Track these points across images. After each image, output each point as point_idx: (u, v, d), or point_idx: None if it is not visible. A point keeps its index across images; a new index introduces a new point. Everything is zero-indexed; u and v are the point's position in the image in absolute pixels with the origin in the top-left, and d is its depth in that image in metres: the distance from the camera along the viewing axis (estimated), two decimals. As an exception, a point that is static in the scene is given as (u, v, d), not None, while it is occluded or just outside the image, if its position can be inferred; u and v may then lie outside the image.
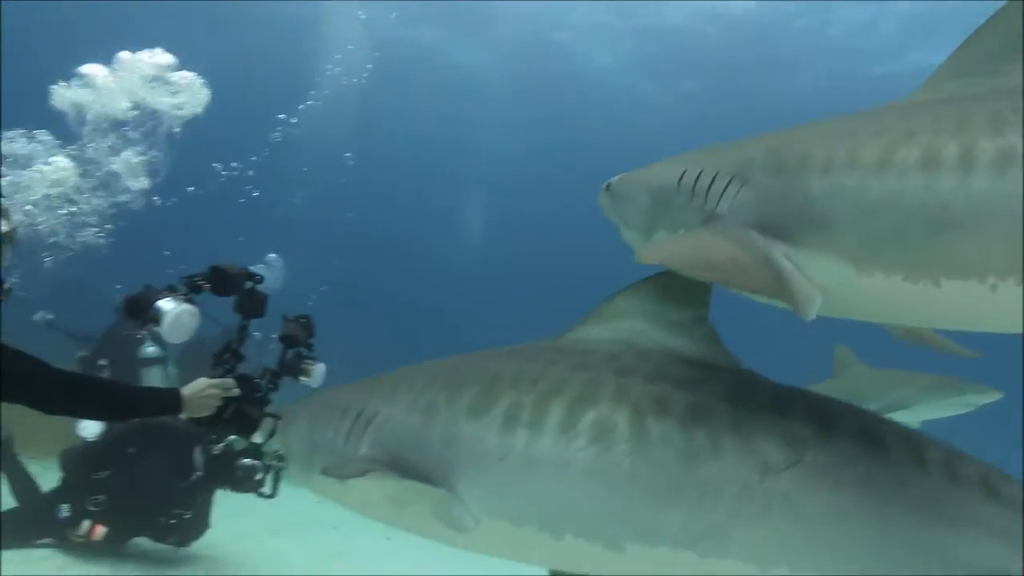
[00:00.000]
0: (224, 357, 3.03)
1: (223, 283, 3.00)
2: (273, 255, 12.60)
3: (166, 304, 2.82)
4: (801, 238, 2.07)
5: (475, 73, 25.09)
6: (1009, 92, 2.01)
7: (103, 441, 5.07)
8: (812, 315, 2.02)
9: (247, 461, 3.78)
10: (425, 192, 30.36)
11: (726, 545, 2.00)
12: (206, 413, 2.76)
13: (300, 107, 15.48)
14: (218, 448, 4.14)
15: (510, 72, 24.75)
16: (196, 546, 5.11)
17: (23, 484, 5.17)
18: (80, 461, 5.03)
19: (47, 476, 5.27)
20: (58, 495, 4.96)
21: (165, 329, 2.82)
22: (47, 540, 4.86)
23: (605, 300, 2.51)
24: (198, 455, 4.82)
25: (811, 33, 21.99)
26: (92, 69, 7.38)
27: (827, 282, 2.05)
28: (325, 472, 2.38)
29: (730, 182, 2.25)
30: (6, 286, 2.47)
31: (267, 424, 2.94)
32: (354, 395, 2.61)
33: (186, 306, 2.86)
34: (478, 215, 30.91)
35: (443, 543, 2.49)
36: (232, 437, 4.05)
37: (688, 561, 2.03)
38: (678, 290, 2.38)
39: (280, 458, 3.16)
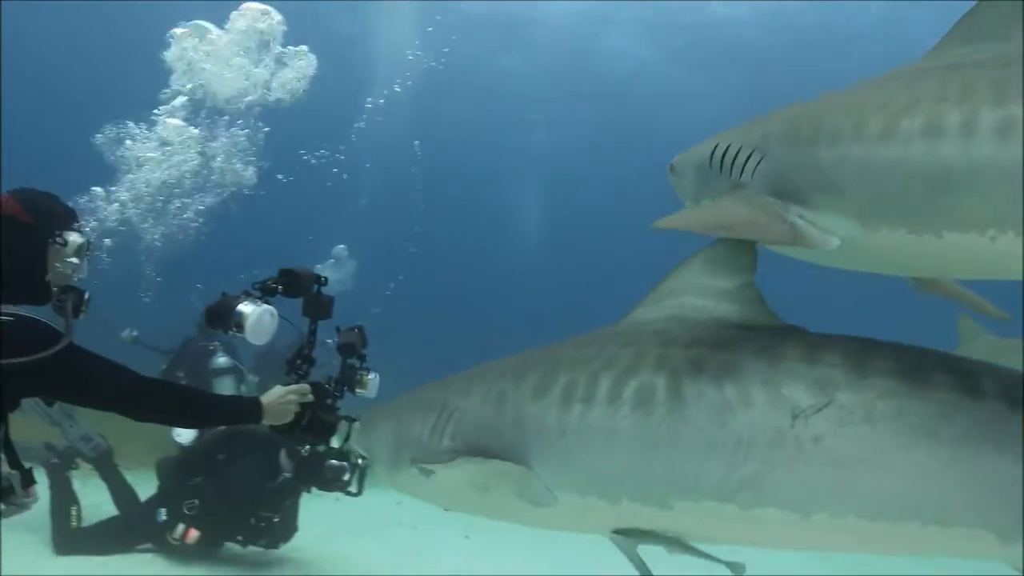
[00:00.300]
0: (297, 363, 3.13)
1: (294, 285, 3.07)
2: (341, 247, 12.79)
3: (246, 307, 2.88)
4: (814, 201, 2.30)
5: (523, 76, 25.26)
6: (1013, 58, 2.11)
7: (195, 448, 5.36)
8: (833, 246, 2.25)
9: (335, 462, 3.96)
10: (487, 193, 30.57)
11: (764, 494, 2.04)
12: (286, 420, 2.83)
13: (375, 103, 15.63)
14: (306, 450, 4.34)
15: (558, 74, 24.81)
16: (284, 548, 5.32)
17: (123, 493, 5.46)
18: (174, 468, 5.31)
19: (143, 486, 5.55)
20: (156, 501, 5.21)
21: (248, 331, 2.87)
22: (147, 544, 5.09)
23: (656, 283, 2.63)
24: (284, 458, 5.03)
25: (854, 19, 21.55)
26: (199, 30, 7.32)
27: (833, 234, 2.30)
28: (415, 462, 2.51)
29: (751, 154, 2.50)
30: (86, 297, 2.57)
31: (343, 428, 3.04)
32: (433, 393, 2.74)
33: (265, 307, 2.93)
34: (538, 215, 30.96)
35: (525, 525, 2.62)
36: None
37: (733, 514, 2.09)
38: (723, 261, 2.48)
39: (365, 457, 3.31)
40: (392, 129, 17.22)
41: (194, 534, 4.98)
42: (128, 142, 7.60)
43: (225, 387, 7.01)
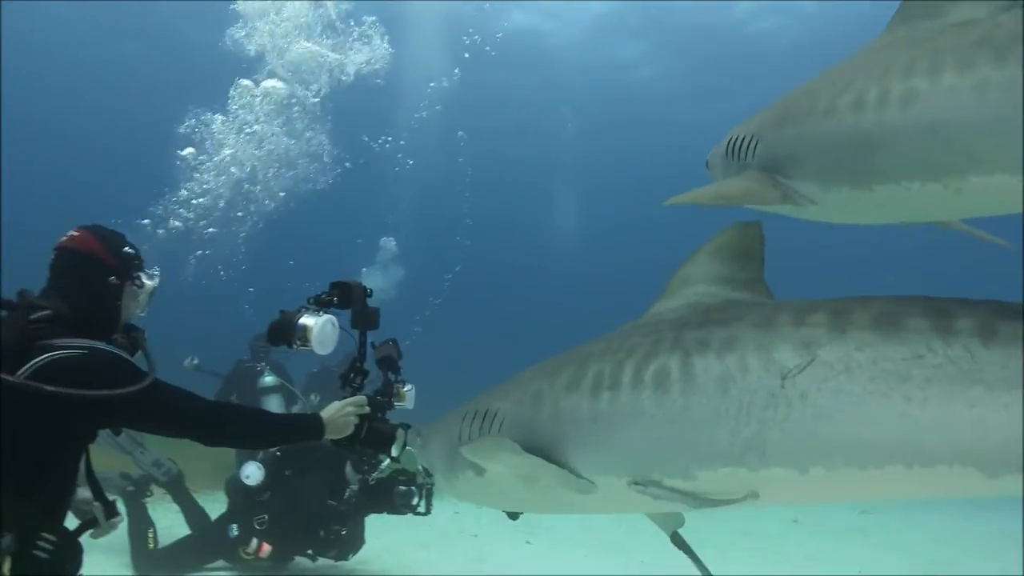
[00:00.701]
0: (351, 377, 3.17)
1: (346, 297, 3.09)
2: (388, 238, 12.89)
3: (308, 320, 2.92)
4: (790, 171, 2.76)
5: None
6: (934, 33, 2.48)
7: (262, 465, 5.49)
8: (810, 205, 2.72)
9: (403, 488, 4.35)
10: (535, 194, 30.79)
11: (766, 454, 2.14)
12: (346, 433, 2.85)
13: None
14: (373, 478, 4.69)
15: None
16: (353, 560, 5.43)
17: (195, 513, 5.66)
18: (243, 485, 5.45)
19: (211, 506, 5.75)
20: (227, 518, 5.36)
21: (315, 343, 2.91)
22: (220, 562, 5.26)
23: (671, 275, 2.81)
24: (350, 471, 5.15)
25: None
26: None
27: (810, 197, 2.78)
28: (465, 452, 2.62)
29: (751, 140, 2.97)
30: (146, 335, 2.68)
31: (400, 437, 3.05)
32: (478, 401, 2.87)
33: (327, 316, 2.97)
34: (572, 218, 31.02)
35: (575, 513, 2.64)
36: (384, 465, 4.65)
37: (745, 477, 2.19)
38: (732, 252, 2.71)
39: (429, 476, 3.43)
40: (440, 124, 17.37)
41: (267, 548, 5.13)
42: (219, 119, 7.67)
43: (272, 405, 7.23)
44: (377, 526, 5.48)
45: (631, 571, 5.94)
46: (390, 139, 15.65)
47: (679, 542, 3.27)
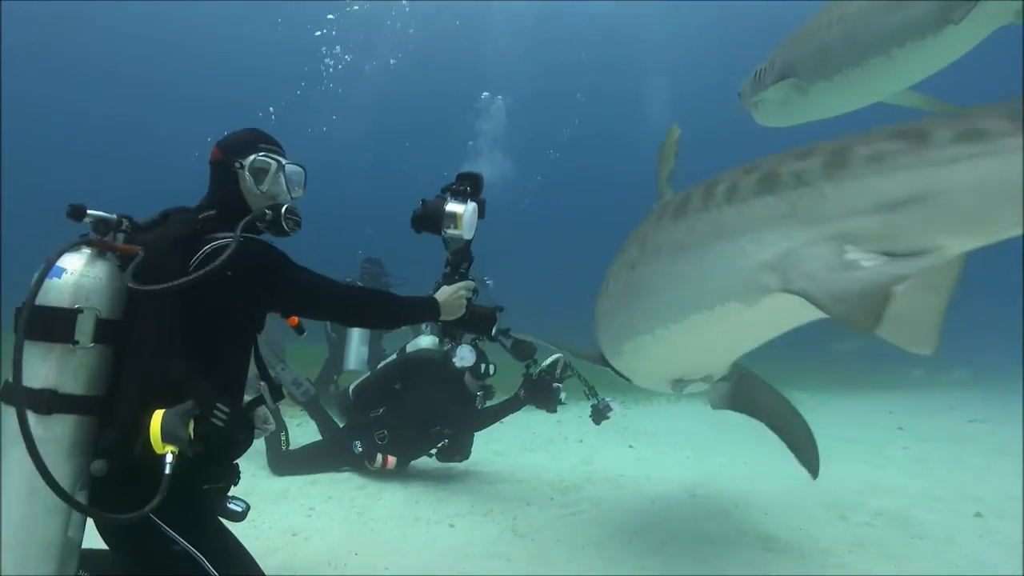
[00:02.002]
0: (458, 264, 3.38)
1: (477, 187, 3.26)
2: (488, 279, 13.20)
3: (456, 206, 3.13)
4: (791, 77, 4.65)
5: None
6: None
7: (370, 383, 5.89)
8: (804, 96, 4.64)
9: (558, 385, 5.40)
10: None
11: None
12: (459, 314, 3.12)
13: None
14: (536, 373, 5.40)
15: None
16: (465, 464, 5.81)
17: (329, 425, 6.13)
18: (355, 403, 5.84)
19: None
20: (348, 434, 5.71)
21: (464, 227, 3.13)
22: (347, 468, 5.66)
23: None
24: (470, 380, 5.50)
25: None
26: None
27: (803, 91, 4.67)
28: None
29: (768, 67, 4.87)
30: (284, 210, 2.72)
31: (496, 319, 3.32)
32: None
33: (472, 203, 3.17)
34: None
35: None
36: (545, 365, 5.43)
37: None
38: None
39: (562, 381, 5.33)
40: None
41: (392, 460, 5.49)
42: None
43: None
44: (482, 434, 5.82)
45: (735, 469, 6.11)
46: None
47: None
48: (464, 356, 5.31)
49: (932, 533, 4.46)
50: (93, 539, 2.48)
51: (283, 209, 2.69)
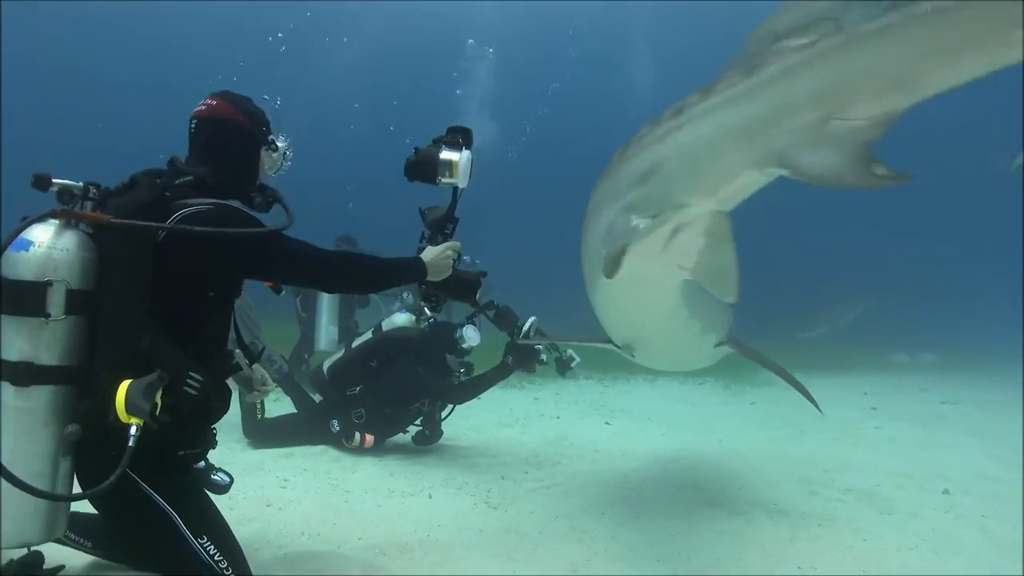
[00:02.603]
0: (444, 224, 3.22)
1: (468, 139, 3.09)
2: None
3: (451, 154, 2.97)
4: None
5: None
6: None
7: (347, 361, 5.82)
8: None
9: (538, 347, 5.37)
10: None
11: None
12: (445, 275, 3.04)
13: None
14: (522, 340, 5.41)
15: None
16: (443, 438, 5.81)
17: (304, 400, 6.09)
18: (331, 381, 5.81)
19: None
20: (325, 411, 5.67)
21: (460, 175, 2.98)
22: (322, 445, 5.57)
23: None
24: (451, 359, 5.54)
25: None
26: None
27: None
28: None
29: None
30: (280, 192, 2.83)
31: (480, 284, 3.28)
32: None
33: (467, 151, 3.02)
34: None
35: None
36: (525, 329, 5.46)
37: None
38: None
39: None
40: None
41: (370, 439, 5.46)
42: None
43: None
44: (459, 410, 5.83)
45: (710, 446, 6.17)
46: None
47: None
48: (471, 336, 5.34)
49: (900, 509, 4.54)
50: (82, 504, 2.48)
51: (279, 191, 2.75)
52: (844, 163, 2.24)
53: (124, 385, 2.20)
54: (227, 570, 2.48)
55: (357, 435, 5.45)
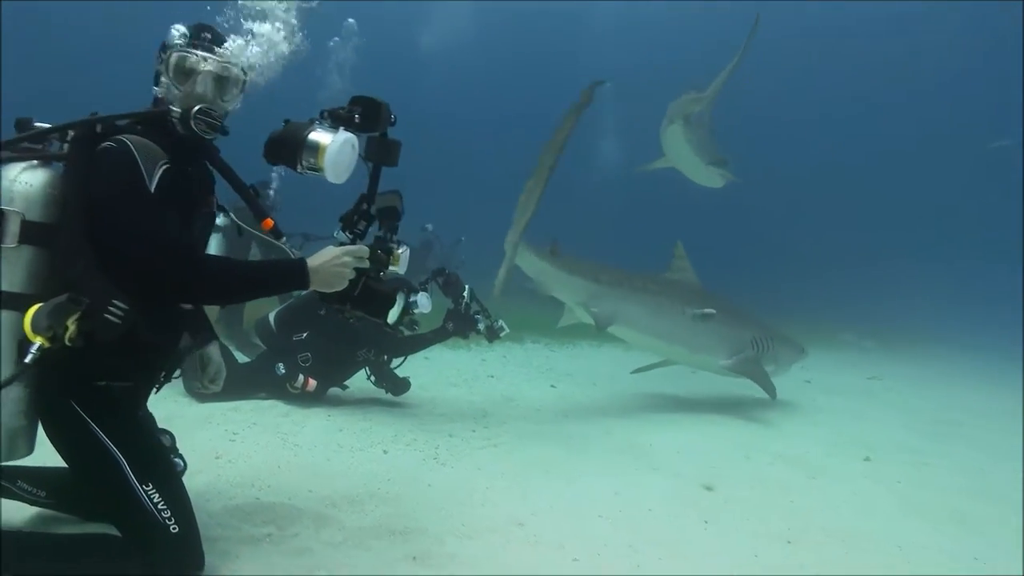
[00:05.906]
0: (354, 219, 2.61)
1: (372, 117, 2.48)
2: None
3: (321, 136, 2.40)
4: None
5: None
6: None
7: (295, 308, 5.85)
8: None
9: (477, 315, 5.93)
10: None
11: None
12: (339, 287, 2.48)
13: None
14: (464, 306, 5.88)
15: None
16: (389, 397, 5.94)
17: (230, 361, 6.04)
18: (279, 328, 5.83)
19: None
20: (270, 356, 5.72)
21: (328, 166, 2.38)
22: (263, 394, 5.59)
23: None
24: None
25: None
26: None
27: None
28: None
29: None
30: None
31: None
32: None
33: (347, 135, 2.42)
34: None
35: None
36: (465, 297, 6.00)
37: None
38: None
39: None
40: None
41: (312, 383, 5.55)
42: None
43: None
44: (407, 370, 5.96)
45: (652, 412, 6.40)
46: None
47: None
48: (423, 304, 5.42)
49: (826, 473, 4.82)
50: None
51: (195, 109, 2.47)
52: None
53: (36, 306, 2.28)
54: (169, 520, 2.46)
55: (300, 378, 5.52)
